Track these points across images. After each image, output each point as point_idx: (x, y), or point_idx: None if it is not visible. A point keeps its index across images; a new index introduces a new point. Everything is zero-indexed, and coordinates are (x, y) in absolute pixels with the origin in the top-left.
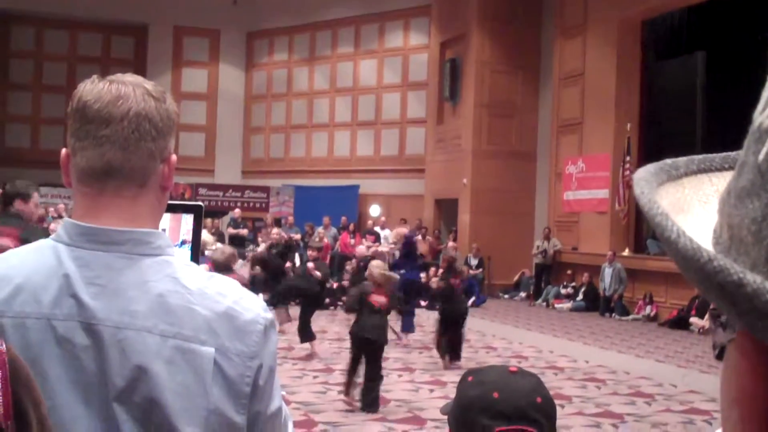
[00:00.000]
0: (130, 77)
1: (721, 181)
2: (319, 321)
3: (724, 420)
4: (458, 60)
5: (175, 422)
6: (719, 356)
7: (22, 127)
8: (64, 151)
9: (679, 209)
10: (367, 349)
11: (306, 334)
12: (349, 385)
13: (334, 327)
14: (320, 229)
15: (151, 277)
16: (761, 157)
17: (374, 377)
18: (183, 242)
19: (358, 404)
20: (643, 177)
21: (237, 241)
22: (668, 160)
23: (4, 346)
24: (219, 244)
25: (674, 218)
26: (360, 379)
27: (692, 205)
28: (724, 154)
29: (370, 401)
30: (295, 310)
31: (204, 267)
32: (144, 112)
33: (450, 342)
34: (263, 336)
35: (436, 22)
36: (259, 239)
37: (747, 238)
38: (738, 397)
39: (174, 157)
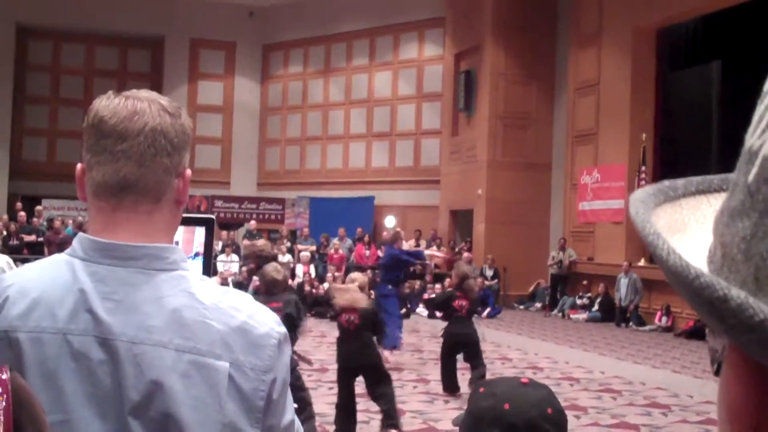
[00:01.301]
0: (146, 93)
1: (718, 202)
2: (319, 326)
3: None
4: (473, 71)
5: None
6: (717, 372)
7: (39, 140)
8: (79, 165)
9: (676, 229)
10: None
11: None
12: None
13: (335, 332)
14: (336, 241)
15: (166, 292)
16: (750, 178)
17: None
18: (196, 254)
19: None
20: (640, 198)
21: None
22: (666, 182)
23: (6, 374)
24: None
25: (671, 238)
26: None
27: (690, 225)
28: (722, 175)
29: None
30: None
31: (216, 280)
32: (159, 127)
33: (445, 369)
34: (277, 350)
35: (450, 33)
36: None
37: (737, 256)
38: (730, 412)
39: (189, 171)
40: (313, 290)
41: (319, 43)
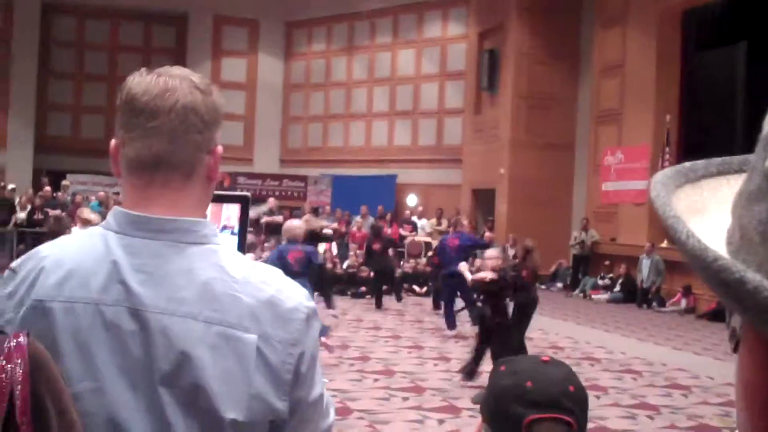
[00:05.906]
0: (178, 70)
1: (738, 184)
2: (354, 310)
3: (738, 411)
4: (496, 50)
5: (218, 407)
6: (736, 349)
7: (63, 116)
8: (113, 142)
9: (696, 210)
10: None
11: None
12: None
13: (369, 315)
14: (358, 218)
15: (197, 265)
16: (767, 163)
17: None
18: (224, 227)
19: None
20: (660, 180)
21: (273, 229)
22: (687, 164)
23: (25, 338)
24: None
25: (691, 219)
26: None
27: (709, 206)
28: (742, 156)
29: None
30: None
31: (250, 256)
32: (191, 104)
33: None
34: (305, 324)
35: (474, 12)
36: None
37: (755, 238)
38: (745, 388)
39: (220, 148)
40: (335, 268)
41: (342, 21)
